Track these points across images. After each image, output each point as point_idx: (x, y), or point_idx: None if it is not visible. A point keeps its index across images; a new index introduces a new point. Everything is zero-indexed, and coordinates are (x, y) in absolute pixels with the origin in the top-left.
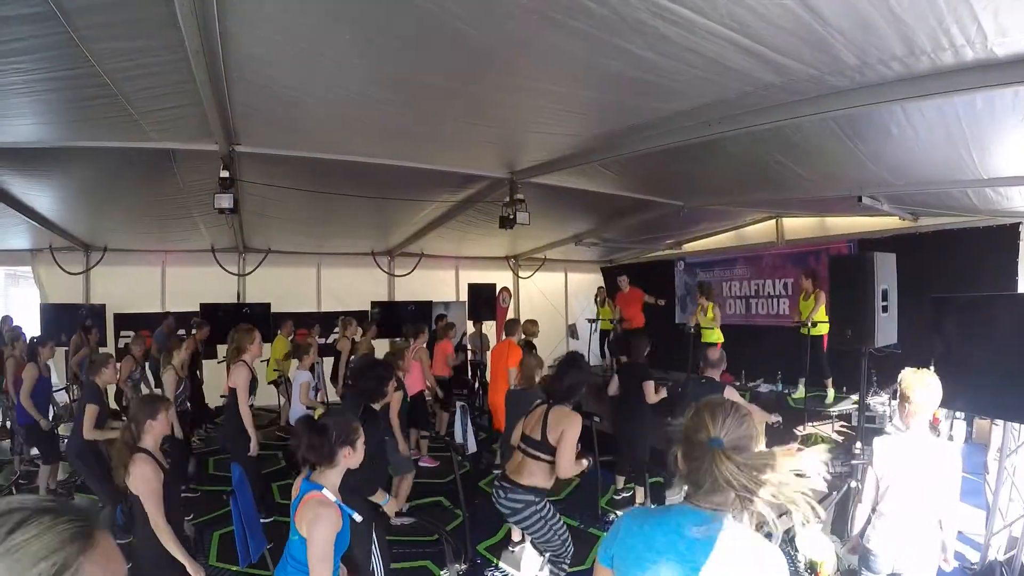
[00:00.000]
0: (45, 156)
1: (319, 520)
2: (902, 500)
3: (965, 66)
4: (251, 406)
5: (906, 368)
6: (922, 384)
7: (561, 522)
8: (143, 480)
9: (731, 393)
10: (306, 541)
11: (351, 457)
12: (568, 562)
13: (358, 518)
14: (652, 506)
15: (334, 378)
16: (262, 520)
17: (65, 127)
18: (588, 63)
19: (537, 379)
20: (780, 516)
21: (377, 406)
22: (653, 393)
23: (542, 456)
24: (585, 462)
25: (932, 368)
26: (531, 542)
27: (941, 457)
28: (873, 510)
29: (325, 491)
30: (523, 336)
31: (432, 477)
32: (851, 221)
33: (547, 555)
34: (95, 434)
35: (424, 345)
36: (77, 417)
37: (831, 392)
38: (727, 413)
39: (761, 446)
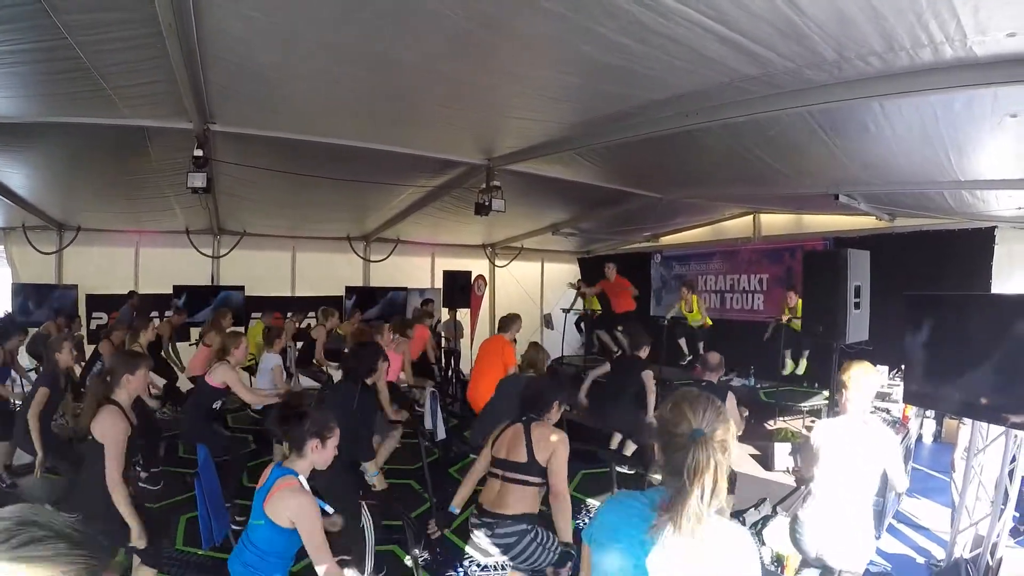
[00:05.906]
0: (16, 131)
1: (303, 511)
2: (829, 478)
3: (944, 64)
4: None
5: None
6: (860, 374)
7: (553, 539)
8: (110, 431)
9: (731, 399)
10: (296, 531)
11: (318, 452)
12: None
13: (330, 510)
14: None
15: (303, 363)
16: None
17: (36, 101)
18: (563, 47)
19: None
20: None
21: (370, 381)
22: (652, 381)
23: (530, 480)
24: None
25: (903, 368)
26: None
27: (873, 440)
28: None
29: (301, 477)
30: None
31: (401, 462)
32: (828, 219)
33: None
34: (33, 423)
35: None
36: (28, 396)
37: (803, 363)
38: (706, 406)
39: (735, 439)
